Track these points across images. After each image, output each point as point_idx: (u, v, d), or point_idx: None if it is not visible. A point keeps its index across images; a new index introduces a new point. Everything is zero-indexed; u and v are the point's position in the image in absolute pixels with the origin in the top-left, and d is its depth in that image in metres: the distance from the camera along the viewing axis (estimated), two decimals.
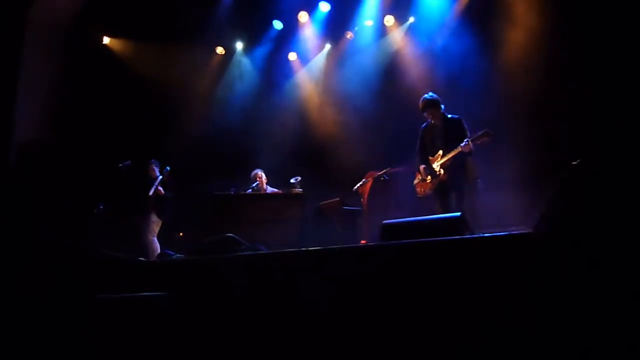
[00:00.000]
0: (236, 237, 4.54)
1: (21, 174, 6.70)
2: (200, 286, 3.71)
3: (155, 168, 7.48)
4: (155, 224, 7.27)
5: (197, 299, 3.60)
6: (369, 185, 6.94)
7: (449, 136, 5.38)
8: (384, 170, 6.61)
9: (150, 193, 7.23)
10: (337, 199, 6.91)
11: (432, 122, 5.54)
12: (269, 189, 7.52)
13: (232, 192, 7.18)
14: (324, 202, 7.04)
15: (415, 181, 5.78)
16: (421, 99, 5.54)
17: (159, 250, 7.05)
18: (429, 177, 5.54)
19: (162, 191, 7.26)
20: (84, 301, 3.39)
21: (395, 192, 6.70)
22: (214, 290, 3.61)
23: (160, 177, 7.34)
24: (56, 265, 3.86)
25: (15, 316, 3.42)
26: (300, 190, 7.23)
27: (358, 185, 6.89)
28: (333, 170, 8.09)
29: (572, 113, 6.31)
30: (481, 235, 3.27)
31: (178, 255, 5.51)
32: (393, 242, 3.27)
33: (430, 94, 5.53)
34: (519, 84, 6.88)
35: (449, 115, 5.46)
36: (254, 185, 7.38)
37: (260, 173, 7.53)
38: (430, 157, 5.60)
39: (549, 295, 2.45)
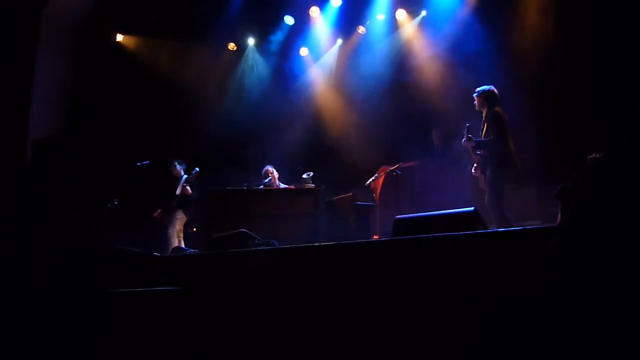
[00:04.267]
0: (249, 232, 4.57)
1: (35, 169, 6.82)
2: (213, 281, 3.74)
3: (178, 167, 7.51)
4: (180, 221, 7.29)
5: (210, 293, 3.63)
6: (381, 180, 6.92)
7: (482, 131, 5.44)
8: (397, 165, 6.58)
9: (178, 192, 7.28)
10: (350, 194, 6.91)
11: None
12: (281, 185, 7.54)
13: (245, 188, 7.21)
14: (336, 197, 7.04)
15: None
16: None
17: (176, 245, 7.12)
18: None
19: (189, 190, 7.29)
20: (95, 295, 3.42)
21: (407, 186, 6.68)
22: (228, 285, 3.64)
23: (186, 176, 7.39)
24: (65, 258, 3.91)
25: (24, 309, 3.47)
26: (313, 185, 7.24)
27: (370, 180, 6.87)
28: (345, 165, 8.08)
29: (586, 106, 6.25)
30: (494, 230, 3.26)
31: (192, 250, 5.57)
32: (406, 237, 3.26)
33: (488, 86, 5.50)
34: (532, 77, 6.83)
35: (494, 109, 5.41)
36: (266, 181, 7.40)
37: (272, 169, 7.55)
38: None
39: (565, 291, 2.43)
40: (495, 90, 5.46)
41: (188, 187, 7.28)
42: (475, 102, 5.53)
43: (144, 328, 3.29)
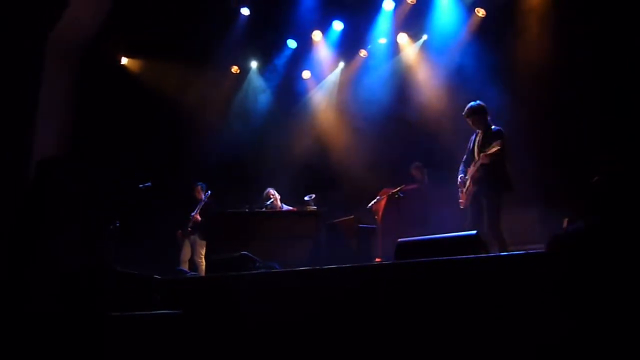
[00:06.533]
0: (250, 255, 4.54)
1: (37, 190, 6.82)
2: (213, 304, 3.71)
3: (201, 191, 7.72)
4: (200, 245, 7.43)
5: (210, 317, 3.59)
6: (383, 202, 6.90)
7: (484, 147, 5.21)
8: (399, 188, 6.57)
9: (192, 215, 7.48)
10: (352, 216, 6.88)
11: (478, 131, 5.43)
12: (284, 207, 7.52)
13: (246, 210, 7.20)
14: (338, 220, 7.01)
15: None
16: (467, 105, 5.45)
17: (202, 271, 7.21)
18: (465, 188, 5.40)
19: (199, 218, 7.47)
20: (94, 316, 3.39)
21: (409, 209, 6.65)
22: (227, 309, 3.60)
23: (203, 201, 7.57)
24: (65, 279, 3.87)
25: (21, 329, 3.43)
26: (315, 207, 7.22)
27: (372, 202, 6.85)
28: (347, 187, 8.07)
29: (588, 129, 6.26)
30: (497, 254, 3.24)
31: (192, 272, 5.54)
32: (408, 260, 3.24)
33: (477, 102, 5.40)
34: (533, 100, 6.85)
35: (493, 127, 5.33)
36: (267, 203, 7.38)
37: (273, 191, 7.54)
38: (469, 168, 5.45)
39: (568, 317, 2.40)
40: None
41: (197, 215, 7.48)
42: (470, 119, 5.37)
43: (141, 352, 3.24)
